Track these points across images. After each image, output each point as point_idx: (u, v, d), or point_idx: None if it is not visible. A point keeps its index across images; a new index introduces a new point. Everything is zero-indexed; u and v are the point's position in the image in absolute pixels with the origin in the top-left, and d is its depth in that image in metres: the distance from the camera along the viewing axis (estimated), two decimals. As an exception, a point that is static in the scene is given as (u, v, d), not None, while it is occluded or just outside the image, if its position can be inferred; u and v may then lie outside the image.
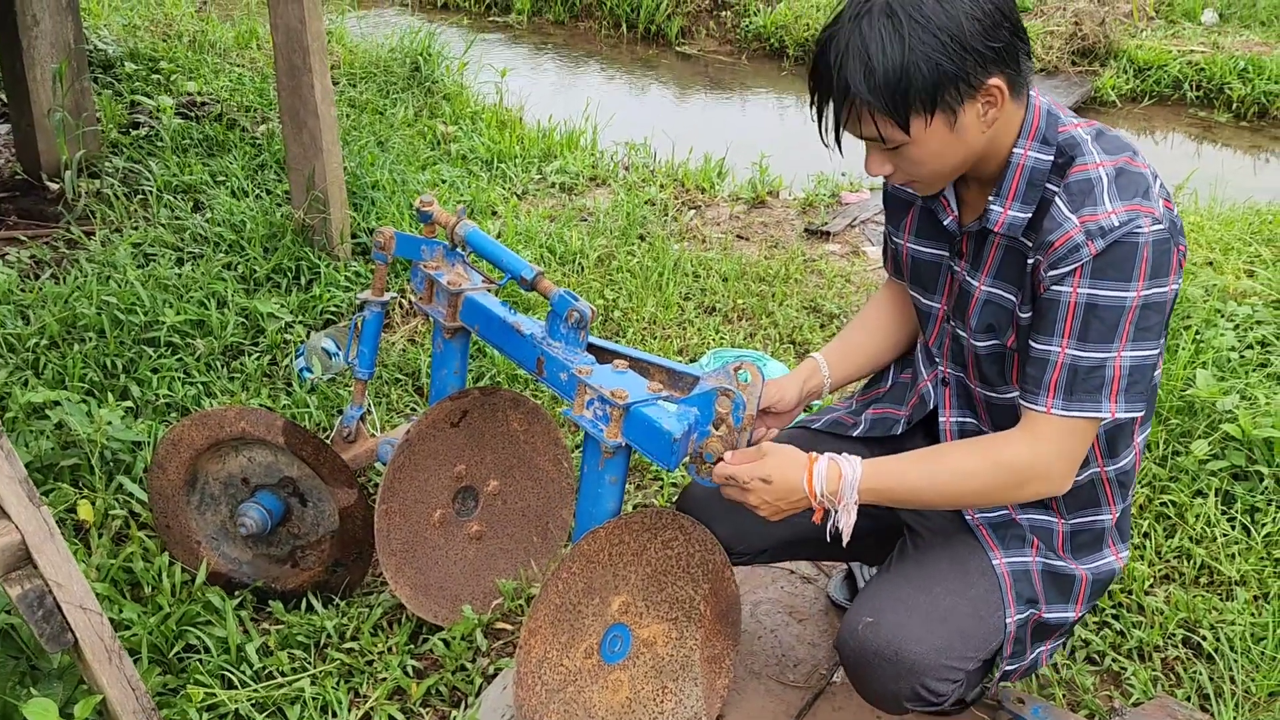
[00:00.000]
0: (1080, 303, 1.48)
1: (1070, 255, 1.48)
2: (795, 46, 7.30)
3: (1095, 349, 1.49)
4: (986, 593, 1.70)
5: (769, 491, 1.61)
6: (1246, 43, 7.00)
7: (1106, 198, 1.48)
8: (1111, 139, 1.55)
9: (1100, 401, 1.51)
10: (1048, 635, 1.80)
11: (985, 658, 1.69)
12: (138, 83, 4.56)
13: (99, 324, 2.79)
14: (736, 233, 4.19)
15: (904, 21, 1.41)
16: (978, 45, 1.42)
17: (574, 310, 1.79)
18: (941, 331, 1.79)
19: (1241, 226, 3.92)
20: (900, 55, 1.41)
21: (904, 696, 1.64)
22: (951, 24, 1.41)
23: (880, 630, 1.65)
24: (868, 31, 1.42)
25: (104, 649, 1.58)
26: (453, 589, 2.15)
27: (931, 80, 1.42)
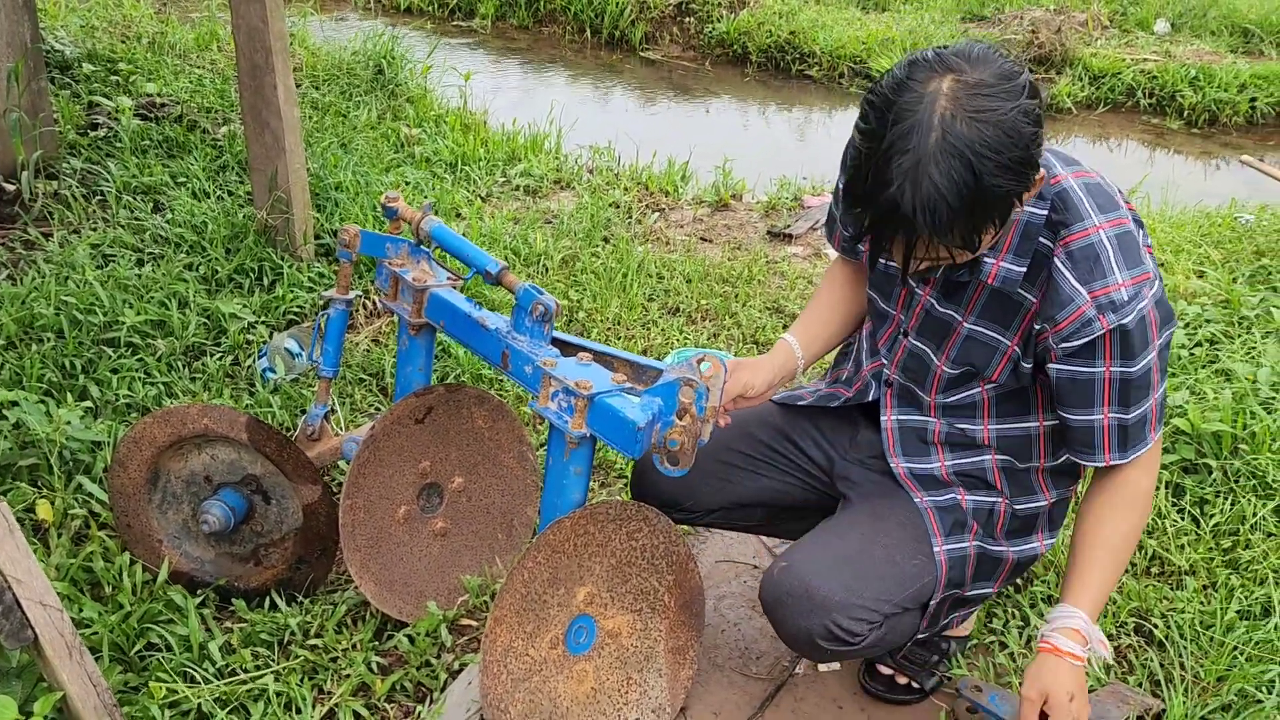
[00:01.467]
0: (1115, 379, 1.58)
1: (1083, 329, 1.53)
2: (758, 53, 7.37)
3: (1135, 406, 1.61)
4: (901, 541, 1.77)
5: (1071, 698, 1.63)
6: (1197, 52, 7.16)
7: (1115, 267, 1.51)
8: (1099, 190, 1.57)
9: (1147, 440, 1.65)
10: (964, 605, 1.90)
11: (906, 604, 1.75)
12: (96, 84, 4.51)
13: (57, 324, 2.76)
14: (700, 235, 4.22)
15: (973, 159, 1.34)
16: (1036, 155, 1.40)
17: (539, 303, 1.81)
18: (895, 341, 1.83)
19: (1192, 229, 4.01)
20: (976, 193, 1.36)
21: (816, 634, 1.71)
22: (1020, 149, 1.36)
23: (792, 571, 1.75)
24: (939, 177, 1.35)
25: (64, 645, 1.57)
26: (417, 585, 2.15)
27: (1005, 204, 1.40)
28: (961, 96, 1.36)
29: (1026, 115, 1.37)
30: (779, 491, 2.01)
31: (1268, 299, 3.26)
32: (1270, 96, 6.48)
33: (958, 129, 1.35)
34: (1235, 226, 4.03)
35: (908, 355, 1.81)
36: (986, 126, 1.35)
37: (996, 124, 1.35)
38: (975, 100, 1.35)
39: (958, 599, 1.86)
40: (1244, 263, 3.64)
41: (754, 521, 2.06)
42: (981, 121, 1.35)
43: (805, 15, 7.47)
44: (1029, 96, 1.38)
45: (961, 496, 1.82)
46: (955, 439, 1.82)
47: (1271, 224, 4.01)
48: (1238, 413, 2.62)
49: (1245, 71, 6.61)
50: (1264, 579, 2.24)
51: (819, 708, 2.05)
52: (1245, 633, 2.09)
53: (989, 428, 1.78)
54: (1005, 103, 1.36)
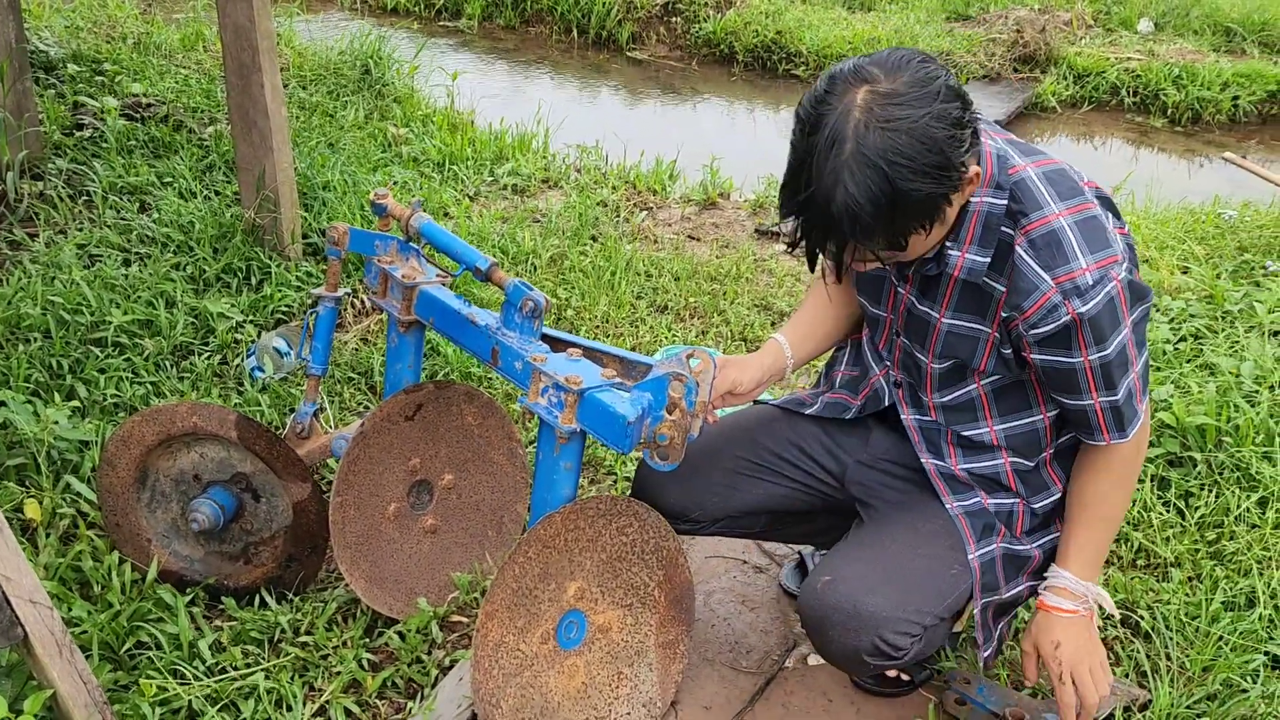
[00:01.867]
0: (1095, 366, 1.60)
1: (1049, 315, 1.54)
2: (745, 52, 7.38)
3: (1120, 385, 1.64)
4: (942, 550, 1.77)
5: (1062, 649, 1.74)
6: (1180, 50, 7.21)
7: (1078, 252, 1.52)
8: (1059, 177, 1.58)
9: (1138, 413, 1.69)
10: (1005, 612, 1.89)
11: (943, 614, 1.74)
12: (81, 84, 4.49)
13: (44, 324, 2.75)
14: (688, 233, 4.23)
15: (886, 167, 1.38)
16: (955, 158, 1.42)
17: (528, 299, 1.81)
18: (890, 342, 1.85)
19: (1176, 226, 4.04)
20: (892, 200, 1.40)
21: (864, 651, 1.69)
22: (934, 154, 1.39)
23: (838, 586, 1.72)
24: (852, 185, 1.39)
25: (54, 643, 1.57)
26: (408, 583, 2.15)
27: (926, 207, 1.44)
28: (874, 107, 1.39)
29: (940, 120, 1.39)
30: (785, 498, 1.99)
31: (1250, 294, 3.29)
32: (1252, 95, 6.53)
33: (870, 139, 1.38)
34: (1219, 223, 4.06)
35: (904, 355, 1.82)
36: (899, 135, 1.38)
37: (909, 131, 1.38)
38: (887, 110, 1.39)
39: (999, 605, 1.85)
40: (1227, 258, 3.67)
41: (758, 528, 2.05)
42: (893, 130, 1.38)
43: (791, 15, 7.49)
44: (945, 101, 1.40)
45: (984, 499, 1.82)
46: (964, 443, 1.82)
47: (1254, 220, 4.05)
48: (1221, 406, 2.65)
49: (1228, 70, 6.66)
50: (1248, 570, 2.26)
51: (809, 701, 2.06)
52: (1230, 623, 2.11)
53: (994, 429, 1.78)
54: (917, 109, 1.38)
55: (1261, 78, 6.60)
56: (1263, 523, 2.37)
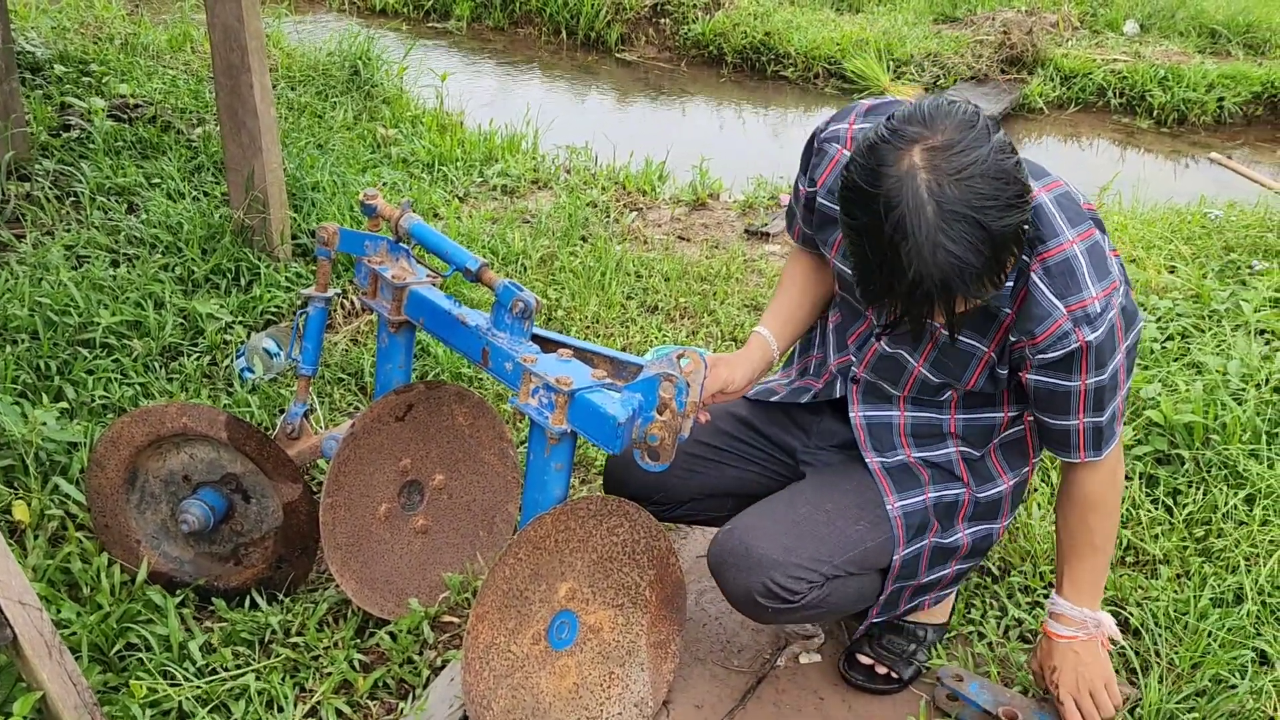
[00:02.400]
0: (1090, 389, 1.64)
1: (1059, 342, 1.58)
2: (733, 53, 7.40)
3: (1107, 407, 1.68)
4: (846, 506, 1.84)
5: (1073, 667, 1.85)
6: (1166, 52, 7.26)
7: (1088, 281, 1.56)
8: (1068, 202, 1.60)
9: (1115, 434, 1.74)
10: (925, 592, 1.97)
11: (848, 568, 1.81)
12: (68, 85, 4.47)
13: (32, 325, 2.74)
14: (678, 234, 4.24)
15: (977, 215, 1.36)
16: (1024, 178, 1.42)
17: (519, 300, 1.81)
18: (866, 340, 1.86)
19: (1162, 226, 4.07)
20: (991, 244, 1.38)
21: (755, 591, 1.77)
22: (1011, 186, 1.39)
23: (734, 533, 1.83)
24: (953, 245, 1.37)
25: (44, 644, 1.56)
26: (399, 583, 2.15)
27: (1019, 235, 1.42)
28: (939, 163, 1.37)
29: (1002, 151, 1.39)
30: (746, 480, 2.05)
31: (1237, 293, 3.31)
32: (1237, 96, 6.57)
33: (949, 194, 1.36)
34: (1205, 223, 4.09)
35: (879, 358, 1.84)
36: (976, 180, 1.36)
37: (983, 175, 1.37)
38: (952, 161, 1.37)
39: (919, 586, 1.94)
40: (1213, 258, 3.69)
41: (724, 512, 2.08)
42: (968, 179, 1.36)
43: (780, 16, 7.51)
44: (994, 131, 1.41)
45: (926, 496, 1.87)
46: (921, 430, 1.88)
47: (1240, 220, 4.07)
48: (1209, 404, 2.67)
49: (1213, 71, 6.71)
50: (1235, 566, 2.27)
51: (800, 699, 2.06)
52: (1218, 619, 2.12)
53: (956, 417, 1.85)
54: (979, 150, 1.37)
55: (1246, 79, 6.65)
56: (1250, 520, 2.39)
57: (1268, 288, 3.29)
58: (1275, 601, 2.18)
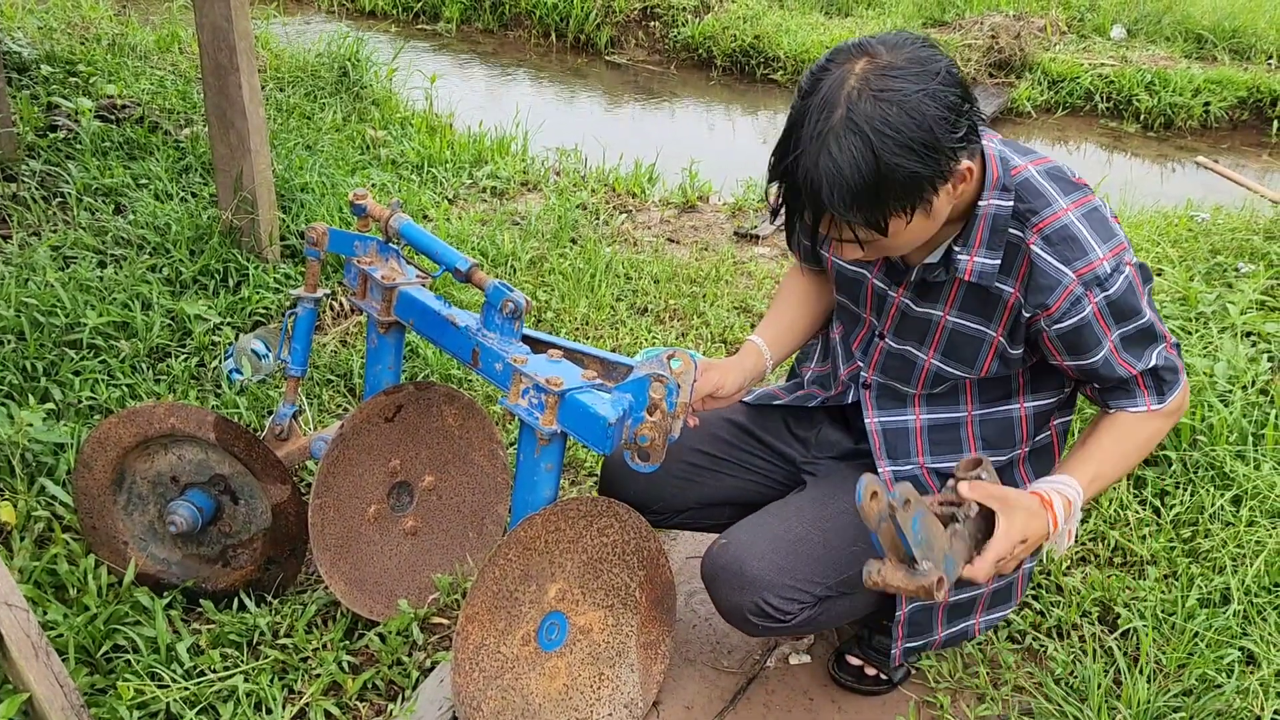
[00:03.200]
0: (1118, 343, 1.62)
1: (1073, 309, 1.56)
2: (723, 57, 7.41)
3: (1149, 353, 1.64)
4: (842, 527, 1.80)
5: (1027, 549, 1.62)
6: (1153, 57, 7.30)
7: (1093, 244, 1.54)
8: (1059, 174, 1.61)
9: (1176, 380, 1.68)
10: (963, 614, 1.90)
11: (842, 589, 1.77)
12: (55, 85, 4.44)
13: (18, 326, 2.72)
14: (667, 236, 4.24)
15: (873, 138, 1.38)
16: (947, 143, 1.41)
17: (508, 300, 1.81)
18: (870, 342, 1.84)
19: (1150, 229, 4.09)
20: (874, 171, 1.39)
21: (747, 610, 1.76)
22: (922, 132, 1.39)
23: (729, 549, 1.80)
24: (837, 151, 1.39)
25: (30, 645, 1.56)
26: (388, 585, 2.14)
27: (909, 188, 1.42)
28: (870, 77, 1.40)
29: (934, 99, 1.39)
30: (745, 490, 2.02)
31: (1223, 295, 3.33)
32: (1223, 100, 6.61)
33: (861, 107, 1.38)
34: (1192, 226, 4.11)
35: (886, 356, 1.82)
36: (889, 106, 1.38)
37: (900, 104, 1.38)
38: (883, 80, 1.39)
39: (949, 606, 1.87)
40: (1200, 261, 3.71)
41: (722, 520, 2.06)
42: (885, 101, 1.38)
43: (769, 20, 7.52)
44: (943, 84, 1.41)
45: None
46: (938, 434, 1.83)
47: (1226, 223, 4.10)
48: (1196, 406, 2.68)
49: (1199, 76, 6.75)
50: (1222, 567, 2.29)
51: (790, 700, 2.06)
52: (1205, 619, 2.13)
53: (973, 413, 1.81)
54: (911, 84, 1.39)
55: (1232, 84, 6.69)
56: (1237, 520, 2.40)
57: (1254, 290, 3.31)
58: (1262, 601, 2.19)
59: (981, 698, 2.06)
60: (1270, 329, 3.09)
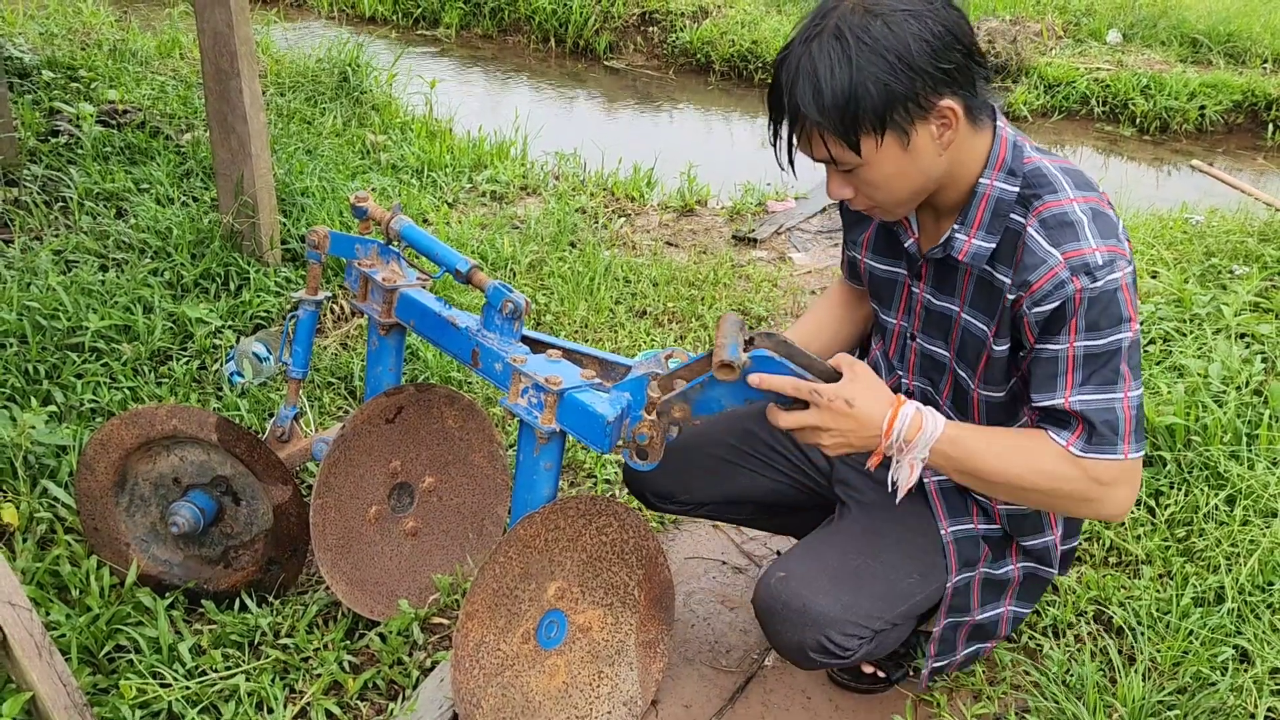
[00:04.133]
0: (1079, 354, 1.50)
1: (1055, 291, 1.49)
2: (721, 62, 7.44)
3: (1102, 392, 1.51)
4: (901, 557, 1.78)
5: (846, 418, 1.52)
6: (1149, 61, 7.33)
7: (1089, 234, 1.49)
8: (1078, 175, 1.56)
9: (1115, 446, 1.52)
10: (983, 635, 1.91)
11: (896, 620, 1.77)
12: (56, 91, 4.47)
13: (20, 330, 2.73)
14: (666, 240, 4.26)
15: (851, 43, 1.40)
16: (926, 66, 1.42)
17: (508, 301, 1.83)
18: (904, 346, 1.83)
19: (1146, 232, 4.11)
20: (848, 76, 1.41)
21: (809, 648, 1.72)
22: (899, 45, 1.41)
23: (790, 584, 1.74)
24: (817, 53, 1.42)
25: (34, 645, 1.57)
26: (389, 585, 2.15)
27: (880, 100, 1.42)
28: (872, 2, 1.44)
29: (919, 21, 1.42)
30: (773, 490, 2.02)
31: (1218, 297, 3.35)
32: (1219, 104, 6.64)
33: (849, 19, 1.42)
34: (1186, 228, 4.14)
35: (921, 358, 1.80)
36: (874, 18, 1.42)
37: (885, 17, 1.41)
38: (881, 2, 1.43)
39: (974, 626, 1.88)
40: (1195, 263, 3.73)
41: (743, 516, 2.09)
42: (872, 13, 1.42)
43: (767, 25, 7.55)
44: (933, 17, 1.43)
45: (975, 524, 1.83)
46: None
47: (1221, 226, 4.12)
48: (1190, 406, 2.70)
49: (1195, 80, 6.78)
50: (1217, 566, 2.30)
51: (788, 699, 2.08)
52: (1200, 618, 2.15)
53: None
54: (901, 3, 1.42)
55: (1227, 88, 6.72)
56: (1231, 520, 2.42)
57: (1248, 292, 3.33)
58: (1256, 600, 2.21)
59: (978, 696, 2.07)
60: (1264, 330, 3.11)
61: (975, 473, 1.57)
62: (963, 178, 1.57)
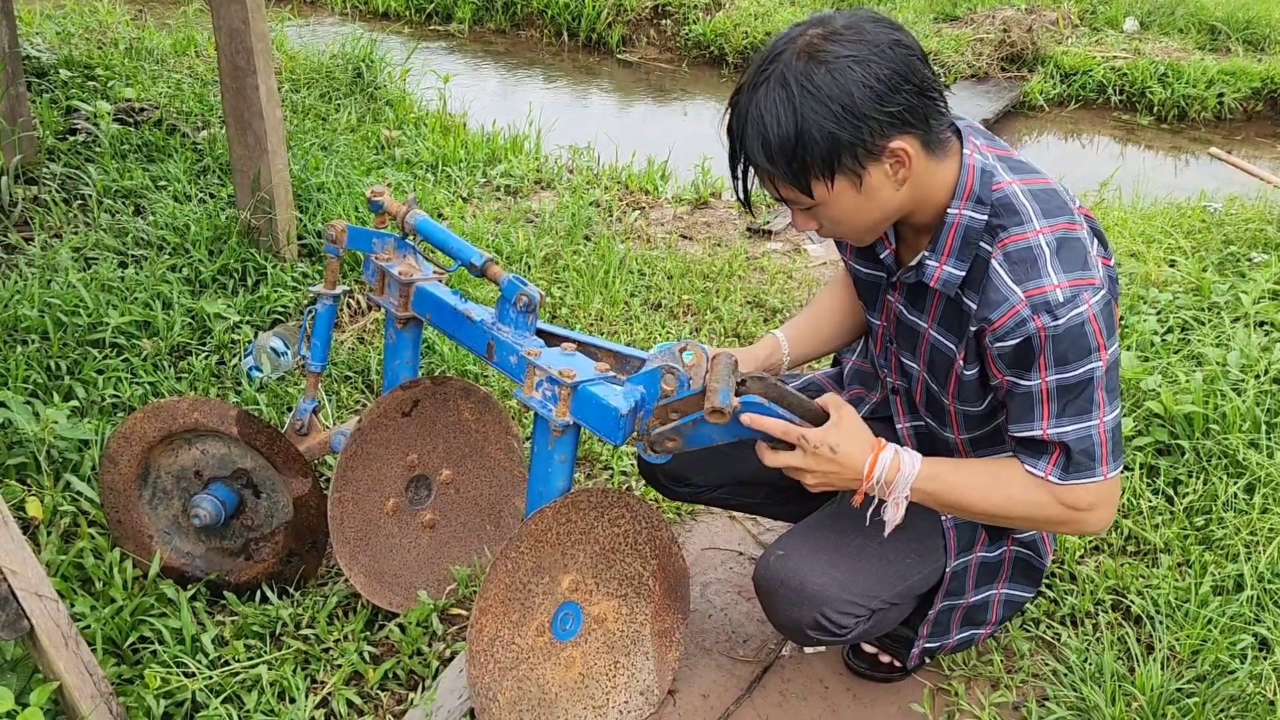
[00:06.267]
0: (1051, 388, 1.51)
1: (1017, 329, 1.49)
2: (734, 54, 7.42)
3: (1080, 421, 1.53)
4: (901, 539, 1.79)
5: (830, 463, 1.58)
6: (1166, 49, 7.27)
7: (1050, 269, 1.47)
8: (1049, 196, 1.53)
9: (1093, 471, 1.56)
10: (975, 621, 1.93)
11: (894, 599, 1.80)
12: (74, 89, 4.50)
13: (42, 326, 2.77)
14: (680, 232, 4.26)
15: (795, 91, 1.41)
16: (871, 112, 1.41)
17: (523, 294, 1.84)
18: (885, 348, 1.85)
19: (1163, 220, 4.09)
20: (793, 125, 1.42)
21: (806, 624, 1.76)
22: (842, 93, 1.40)
23: (788, 562, 1.79)
24: (763, 101, 1.43)
25: (60, 635, 1.59)
26: (407, 577, 2.17)
27: (826, 148, 1.42)
28: (814, 39, 1.43)
29: (863, 66, 1.40)
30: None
31: (1236, 285, 3.33)
32: (1237, 92, 6.59)
33: (795, 65, 1.42)
34: (1205, 216, 4.11)
35: (897, 360, 1.83)
36: (818, 66, 1.41)
37: (829, 65, 1.40)
38: (822, 44, 1.42)
39: (967, 610, 1.91)
40: (1213, 251, 3.71)
41: (755, 500, 2.11)
42: (816, 61, 1.41)
43: (780, 16, 7.53)
44: (881, 57, 1.40)
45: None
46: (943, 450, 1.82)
47: (1240, 214, 4.09)
48: (1209, 395, 2.69)
49: (1213, 68, 6.72)
50: (1236, 555, 2.29)
51: (806, 688, 2.08)
52: (1219, 607, 2.14)
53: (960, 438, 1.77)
54: (846, 50, 1.41)
55: (1246, 75, 6.67)
56: (1250, 508, 2.41)
57: (1267, 280, 3.31)
58: (1275, 588, 2.20)
59: (996, 685, 2.08)
60: (1284, 318, 3.10)
61: (956, 506, 1.64)
62: (932, 202, 1.56)
